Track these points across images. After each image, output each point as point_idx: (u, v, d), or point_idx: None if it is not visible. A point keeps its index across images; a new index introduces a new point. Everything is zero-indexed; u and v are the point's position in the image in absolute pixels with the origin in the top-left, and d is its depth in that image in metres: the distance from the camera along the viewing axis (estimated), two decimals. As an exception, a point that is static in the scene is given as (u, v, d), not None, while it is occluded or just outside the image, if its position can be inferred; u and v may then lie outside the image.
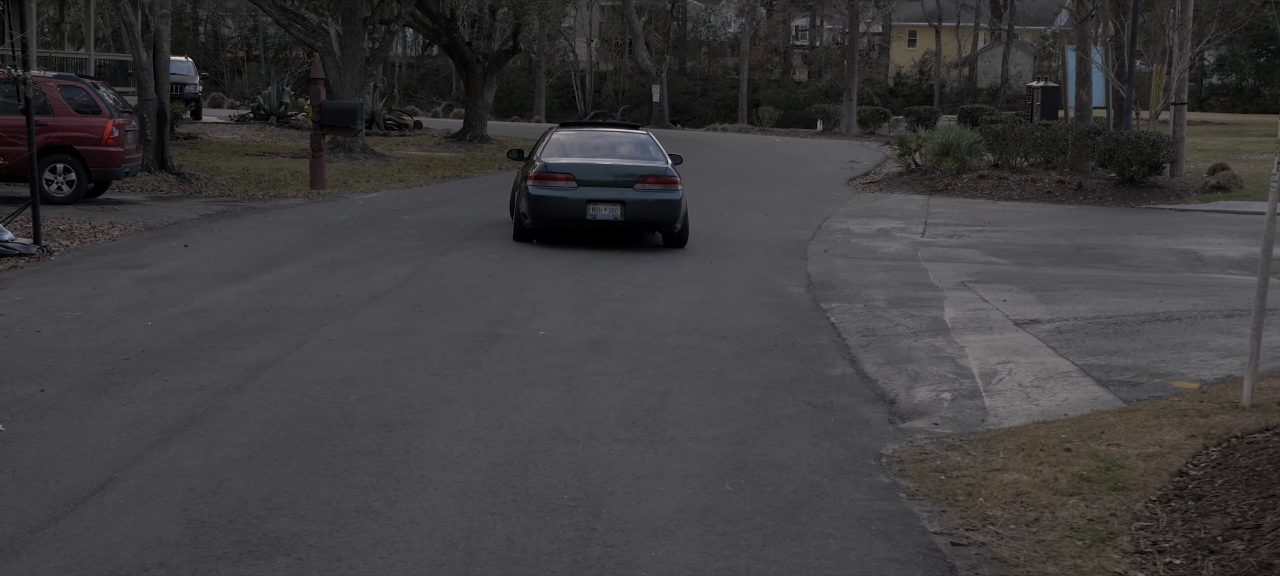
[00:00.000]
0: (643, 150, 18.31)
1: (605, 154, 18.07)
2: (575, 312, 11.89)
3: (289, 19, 33.90)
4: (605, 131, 19.49)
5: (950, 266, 16.22)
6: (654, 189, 17.18)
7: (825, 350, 10.58)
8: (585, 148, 18.28)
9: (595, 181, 17.14)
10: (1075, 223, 22.03)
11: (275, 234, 17.46)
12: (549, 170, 17.15)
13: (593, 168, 17.35)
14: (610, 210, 17.03)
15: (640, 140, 18.75)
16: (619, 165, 17.56)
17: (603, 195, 17.05)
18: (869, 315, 12.37)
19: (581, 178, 17.11)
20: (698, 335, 11.00)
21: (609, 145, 18.50)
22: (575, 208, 16.98)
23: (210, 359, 9.26)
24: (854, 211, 23.55)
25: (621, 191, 17.09)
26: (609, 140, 18.73)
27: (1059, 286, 14.47)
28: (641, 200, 17.09)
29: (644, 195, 17.13)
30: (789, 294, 13.68)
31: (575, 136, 18.84)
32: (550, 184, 17.07)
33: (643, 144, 18.58)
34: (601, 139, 18.82)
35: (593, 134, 19.16)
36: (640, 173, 17.30)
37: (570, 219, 17.11)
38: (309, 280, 13.28)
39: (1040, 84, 43.03)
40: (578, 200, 16.96)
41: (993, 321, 12.05)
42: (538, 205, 17.04)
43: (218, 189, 24.32)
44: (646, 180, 17.21)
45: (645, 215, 17.20)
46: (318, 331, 10.43)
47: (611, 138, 18.89)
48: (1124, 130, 26.56)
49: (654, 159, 17.92)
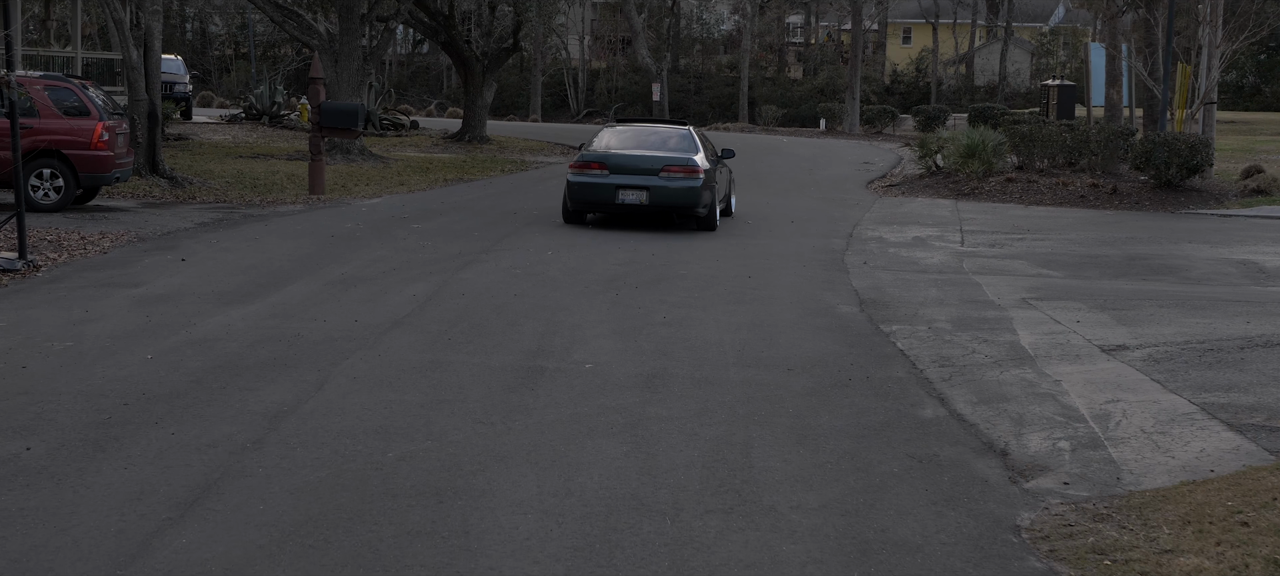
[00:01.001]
0: (678, 143, 19.82)
1: (640, 146, 19.78)
2: (619, 339, 10.76)
3: (284, 16, 32.69)
4: (654, 126, 21.21)
5: (1003, 281, 15.12)
6: (677, 177, 18.92)
7: (905, 385, 9.46)
8: (625, 140, 20.13)
9: (624, 169, 19.12)
10: (1118, 230, 20.94)
11: (278, 246, 16.30)
12: (585, 160, 19.43)
13: (623, 157, 19.31)
14: (637, 195, 18.97)
15: (681, 134, 20.26)
16: (646, 155, 19.28)
17: (631, 182, 18.98)
18: (937, 340, 11.26)
19: (612, 166, 19.18)
20: (760, 367, 9.87)
21: (649, 139, 20.15)
22: (606, 192, 19.08)
23: (221, 403, 8.11)
24: (882, 218, 22.44)
25: (648, 178, 18.94)
26: (652, 134, 20.40)
27: (1129, 304, 13.38)
28: (665, 186, 18.89)
29: (667, 182, 18.91)
30: (842, 314, 12.57)
31: (624, 131, 20.78)
32: (587, 172, 19.23)
33: (683, 138, 20.06)
34: (645, 133, 20.53)
35: (640, 128, 20.92)
36: (664, 162, 19.05)
37: (602, 202, 19.23)
38: (321, 301, 12.13)
39: (1056, 82, 41.95)
40: (609, 186, 19.04)
41: (1077, 348, 10.94)
42: (575, 190, 19.35)
43: (212, 194, 23.17)
44: (670, 169, 18.95)
45: (669, 200, 18.93)
46: (339, 366, 9.28)
47: (656, 132, 20.54)
48: (1159, 131, 25.47)
49: (681, 150, 19.46)
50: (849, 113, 57.61)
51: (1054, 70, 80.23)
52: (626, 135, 20.38)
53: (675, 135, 20.20)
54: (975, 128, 32.88)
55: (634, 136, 20.26)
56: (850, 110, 57.67)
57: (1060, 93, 39.84)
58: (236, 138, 38.30)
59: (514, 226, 19.11)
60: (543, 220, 20.28)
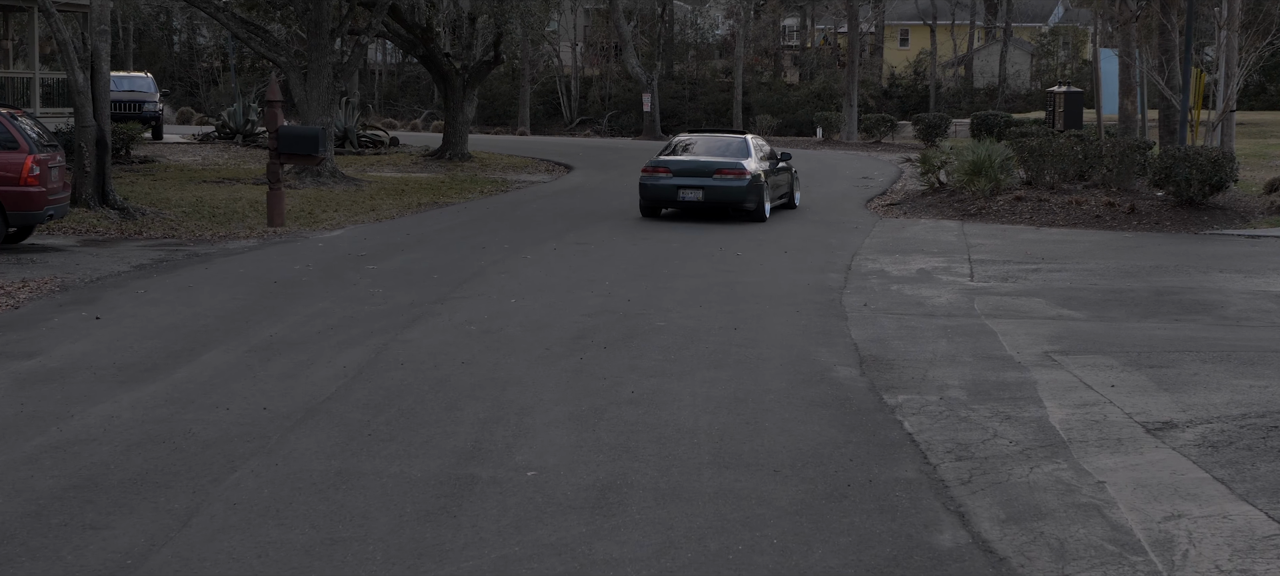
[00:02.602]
0: (733, 150, 23.94)
1: (699, 152, 24.08)
2: (574, 427, 9.06)
3: (250, 32, 31.00)
4: (717, 136, 25.49)
5: (1020, 326, 13.45)
6: (727, 178, 23.05)
7: (917, 492, 7.76)
8: (689, 147, 24.67)
9: (684, 172, 23.32)
10: (1140, 256, 19.26)
11: (211, 296, 14.61)
12: (653, 165, 23.81)
13: (682, 163, 23.60)
14: (694, 193, 23.10)
15: (738, 143, 24.26)
16: (701, 161, 23.46)
17: (689, 182, 23.14)
18: (951, 417, 9.57)
19: (674, 170, 23.44)
20: (740, 467, 8.18)
21: (710, 146, 24.35)
22: (669, 192, 23.29)
23: (50, 554, 6.42)
24: (883, 244, 20.75)
25: (703, 180, 23.08)
26: (714, 142, 24.63)
27: (1166, 356, 11.71)
28: (717, 186, 23.02)
29: (719, 182, 23.02)
30: (839, 379, 10.88)
31: (690, 139, 25.39)
32: (655, 175, 23.51)
33: (738, 146, 24.09)
34: (708, 141, 24.86)
35: (704, 138, 25.38)
36: (717, 166, 23.16)
37: (667, 200, 23.41)
38: (234, 377, 10.43)
39: (1063, 88, 40.19)
40: (671, 186, 23.26)
41: (1117, 427, 9.26)
42: (646, 190, 23.54)
43: (164, 226, 21.53)
44: (722, 172, 23.08)
45: (720, 197, 23.08)
46: (222, 483, 7.59)
47: (717, 141, 24.75)
48: (1178, 144, 23.77)
49: (733, 156, 23.54)
50: (846, 121, 55.88)
51: (1054, 71, 78.59)
52: (692, 143, 24.94)
53: (732, 143, 24.27)
54: (979, 139, 31.22)
55: (698, 144, 24.65)
56: (848, 118, 55.95)
57: (1067, 99, 38.05)
58: (206, 159, 36.63)
59: (479, 265, 17.42)
60: (513, 253, 18.61)
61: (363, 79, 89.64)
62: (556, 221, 23.57)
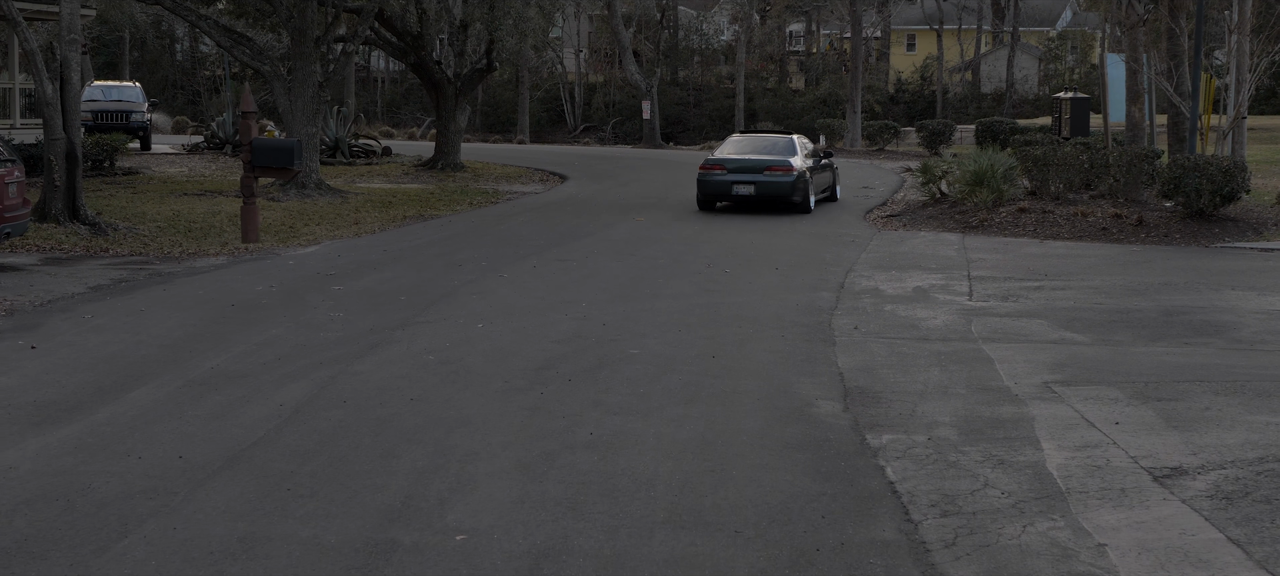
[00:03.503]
0: (781, 149, 26.89)
1: (750, 151, 26.96)
2: (519, 478, 8.20)
3: (232, 41, 30.20)
4: (764, 136, 28.87)
5: (1019, 351, 12.57)
6: (776, 174, 25.89)
7: (894, 559, 6.88)
8: (742, 147, 27.52)
9: (737, 169, 26.17)
10: (1148, 272, 18.35)
11: (161, 322, 13.77)
12: (709, 163, 26.77)
13: (736, 161, 26.44)
14: (746, 188, 25.92)
15: (785, 142, 27.38)
16: (753, 159, 26.32)
17: (742, 178, 25.96)
18: (939, 461, 8.70)
19: (728, 167, 26.32)
20: (698, 528, 7.31)
21: (760, 145, 27.40)
22: (724, 187, 26.17)
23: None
24: (879, 260, 19.86)
25: (754, 176, 25.93)
26: (763, 142, 27.74)
27: (1175, 387, 10.84)
28: (767, 181, 25.84)
29: (769, 178, 25.86)
30: (820, 415, 10.01)
31: (742, 139, 28.44)
32: (711, 172, 26.39)
33: (786, 145, 27.15)
34: (758, 141, 27.97)
35: (754, 138, 28.55)
36: (767, 164, 26.08)
37: (722, 194, 26.27)
38: (158, 418, 9.58)
39: (1069, 95, 39.21)
40: (726, 182, 26.13)
41: (1121, 473, 8.38)
42: (703, 186, 26.51)
43: (135, 243, 20.74)
44: (772, 169, 25.98)
45: (770, 192, 25.86)
46: (105, 554, 6.72)
47: (766, 140, 27.92)
48: (1188, 153, 22.86)
49: (782, 154, 26.49)
50: (850, 128, 54.97)
51: (1063, 76, 77.62)
52: (743, 143, 27.92)
53: (779, 142, 27.31)
54: (983, 148, 30.35)
55: (749, 144, 27.66)
56: (851, 125, 55.03)
57: (1073, 106, 37.10)
58: (192, 170, 35.85)
59: (451, 284, 16.56)
60: (490, 271, 17.76)
61: (366, 87, 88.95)
62: (542, 236, 22.72)
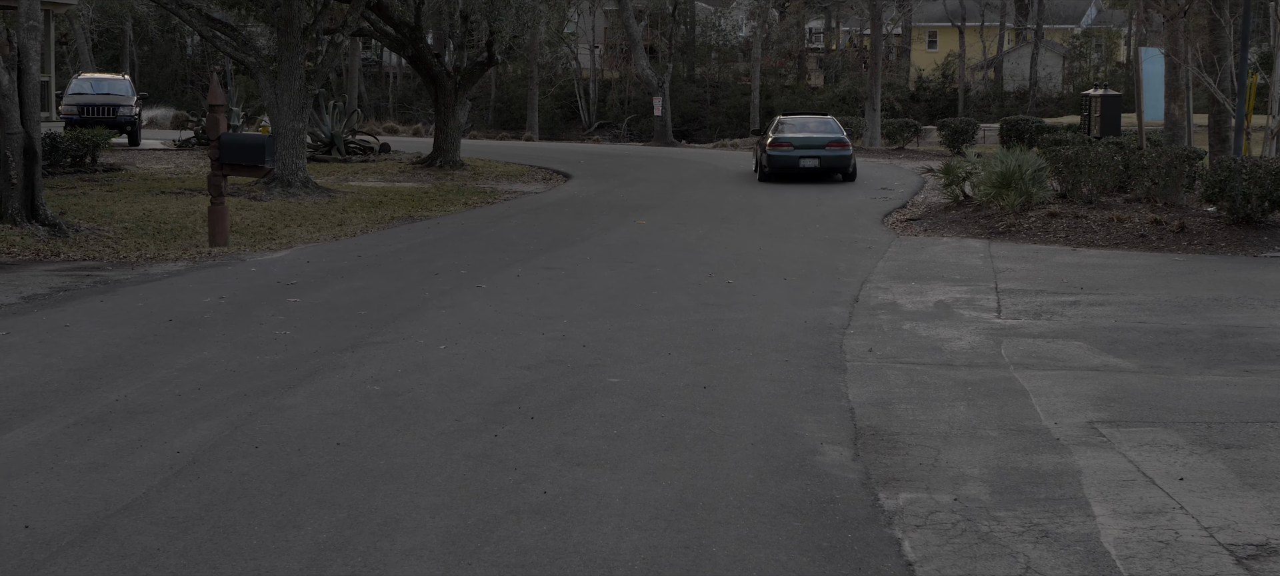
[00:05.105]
0: (832, 127, 33.88)
1: (808, 130, 33.28)
2: (443, 556, 6.55)
3: (215, 30, 28.64)
4: (806, 117, 35.68)
5: (1057, 380, 10.90)
6: (836, 149, 32.48)
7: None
8: (795, 127, 33.65)
9: (803, 146, 32.34)
10: (1194, 285, 16.62)
11: (84, 338, 12.18)
12: (778, 141, 32.50)
13: (802, 138, 32.60)
14: (812, 161, 31.99)
15: (833, 121, 34.87)
16: (815, 137, 32.70)
17: (808, 153, 32.16)
18: (969, 533, 7.04)
19: (795, 144, 32.37)
20: (660, 636, 5.65)
21: (810, 125, 33.92)
22: (792, 161, 32.08)
23: None
24: (898, 269, 18.17)
25: (818, 151, 32.24)
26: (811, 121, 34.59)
27: (1244, 430, 9.17)
28: (829, 155, 32.22)
29: (830, 153, 32.30)
30: (825, 466, 8.35)
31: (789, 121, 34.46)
32: (780, 149, 32.23)
33: (834, 123, 34.53)
34: (806, 121, 34.58)
35: (800, 119, 35.03)
36: (827, 141, 32.54)
37: (791, 168, 32.01)
38: (23, 470, 7.96)
39: (1099, 92, 37.42)
40: (794, 156, 32.15)
41: (1195, 553, 6.72)
42: (773, 160, 32.23)
43: (96, 245, 19.26)
44: (832, 144, 32.46)
45: (831, 165, 32.17)
46: None
47: (812, 120, 34.84)
48: (1233, 155, 21.09)
49: (835, 133, 33.18)
50: (869, 126, 53.21)
51: (1087, 74, 75.77)
52: (794, 124, 34.19)
53: (829, 121, 34.68)
54: (1009, 148, 28.62)
55: (799, 125, 34.02)
56: (870, 123, 53.29)
57: (1104, 103, 35.31)
58: (177, 166, 34.32)
59: (421, 297, 14.92)
60: (468, 281, 16.14)
61: (377, 83, 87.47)
62: (532, 240, 21.10)
